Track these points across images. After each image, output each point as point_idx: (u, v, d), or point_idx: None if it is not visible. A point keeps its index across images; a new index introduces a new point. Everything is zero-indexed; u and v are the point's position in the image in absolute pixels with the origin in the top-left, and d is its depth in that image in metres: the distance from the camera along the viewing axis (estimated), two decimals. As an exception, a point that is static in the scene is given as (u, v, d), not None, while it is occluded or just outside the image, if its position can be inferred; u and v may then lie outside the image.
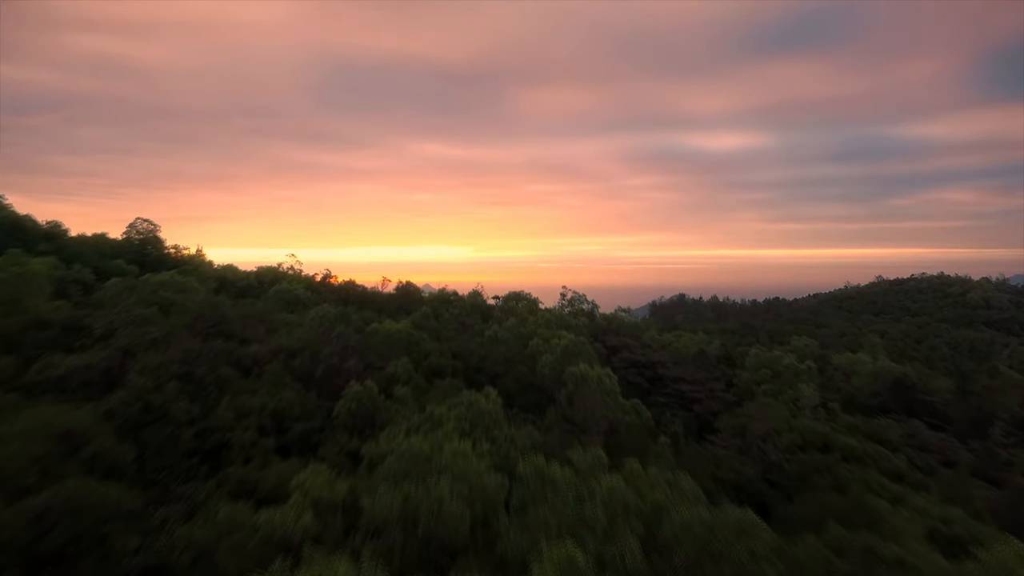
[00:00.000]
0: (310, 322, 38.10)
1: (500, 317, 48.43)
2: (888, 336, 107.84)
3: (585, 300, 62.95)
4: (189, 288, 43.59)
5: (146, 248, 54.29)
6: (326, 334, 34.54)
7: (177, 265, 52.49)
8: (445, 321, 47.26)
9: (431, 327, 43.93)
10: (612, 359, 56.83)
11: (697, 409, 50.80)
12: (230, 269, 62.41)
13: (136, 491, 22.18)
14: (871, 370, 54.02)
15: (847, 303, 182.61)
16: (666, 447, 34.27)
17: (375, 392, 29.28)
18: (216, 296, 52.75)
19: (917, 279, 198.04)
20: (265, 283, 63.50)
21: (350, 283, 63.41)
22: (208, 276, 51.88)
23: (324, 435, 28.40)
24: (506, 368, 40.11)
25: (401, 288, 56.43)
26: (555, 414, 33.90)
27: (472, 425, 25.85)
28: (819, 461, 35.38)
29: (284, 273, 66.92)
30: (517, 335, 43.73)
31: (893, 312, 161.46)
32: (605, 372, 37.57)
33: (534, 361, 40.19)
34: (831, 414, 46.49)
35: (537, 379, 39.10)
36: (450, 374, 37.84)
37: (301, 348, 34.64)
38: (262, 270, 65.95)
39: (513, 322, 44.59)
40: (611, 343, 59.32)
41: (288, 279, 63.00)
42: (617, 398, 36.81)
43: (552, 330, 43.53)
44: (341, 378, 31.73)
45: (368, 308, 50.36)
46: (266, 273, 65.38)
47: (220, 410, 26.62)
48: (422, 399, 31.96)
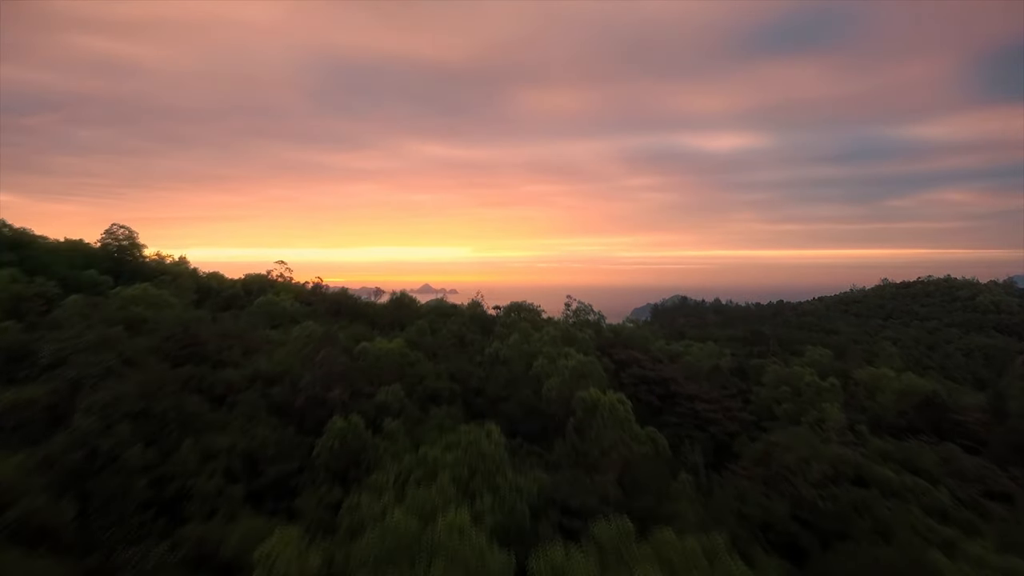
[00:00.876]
0: (293, 342, 34.62)
1: (502, 332, 44.95)
2: (901, 343, 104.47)
3: (591, 310, 59.51)
4: (163, 302, 40.16)
5: (123, 257, 50.74)
6: (309, 357, 31.05)
7: (156, 275, 48.97)
8: (442, 337, 43.80)
9: (427, 344, 40.45)
10: (620, 375, 53.42)
11: (713, 430, 47.36)
12: (215, 277, 58.92)
13: (72, 560, 18.77)
14: (897, 387, 50.56)
15: (853, 307, 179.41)
16: (687, 483, 30.86)
17: (361, 428, 25.81)
18: (197, 309, 49.34)
19: (924, 282, 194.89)
20: (252, 292, 60.00)
21: (343, 292, 59.94)
22: (187, 287, 48.37)
23: (303, 478, 24.95)
24: (508, 391, 36.64)
25: (395, 300, 52.70)
26: (564, 447, 30.46)
27: (471, 471, 22.41)
28: (856, 497, 31.94)
29: (273, 281, 63.43)
30: (520, 353, 40.27)
31: (901, 316, 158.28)
32: (618, 397, 34.16)
33: (539, 383, 36.73)
34: (859, 437, 43.11)
35: (543, 404, 35.65)
36: (447, 400, 34.37)
37: (281, 373, 31.15)
38: (249, 278, 62.42)
39: (516, 339, 41.11)
40: (619, 357, 55.88)
41: (277, 288, 59.52)
42: (632, 426, 33.39)
43: (558, 348, 40.05)
44: (324, 410, 28.25)
45: (360, 321, 46.90)
46: (253, 281, 61.87)
47: (182, 453, 23.13)
48: (415, 432, 28.51)
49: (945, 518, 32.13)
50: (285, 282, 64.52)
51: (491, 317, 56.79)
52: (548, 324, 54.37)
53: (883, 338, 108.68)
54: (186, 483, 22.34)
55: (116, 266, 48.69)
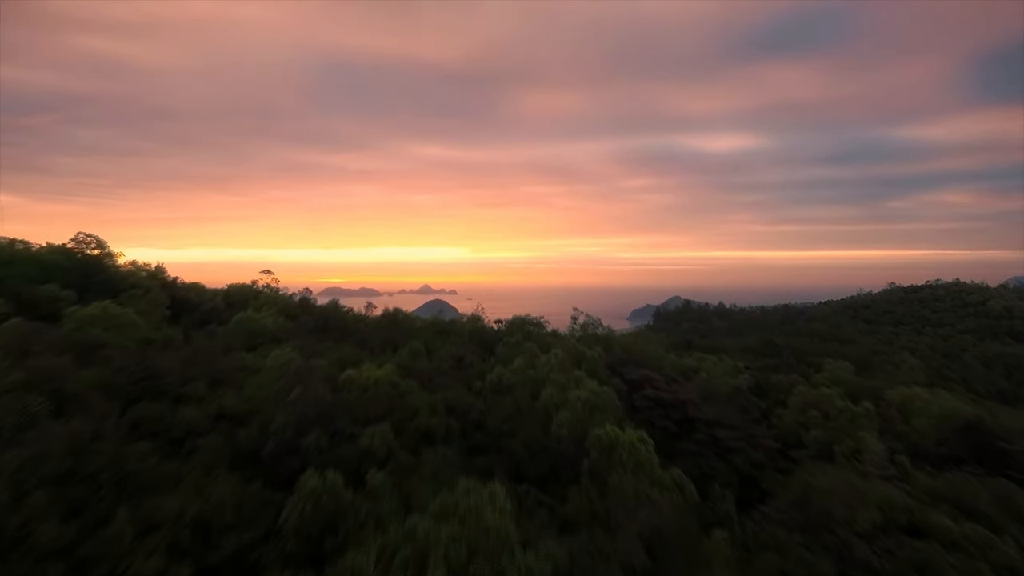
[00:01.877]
0: (267, 371, 30.30)
1: (504, 354, 40.65)
2: (919, 353, 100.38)
3: (599, 324, 55.26)
4: (126, 323, 35.82)
5: (90, 267, 46.38)
6: (284, 391, 26.74)
7: (127, 288, 44.62)
8: (439, 359, 39.54)
9: (421, 369, 36.19)
10: (633, 396, 49.15)
11: (737, 461, 43.05)
12: (194, 289, 54.62)
13: None
14: (936, 411, 46.29)
15: (862, 311, 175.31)
16: (722, 542, 26.68)
17: (339, 487, 21.50)
18: (172, 326, 45.06)
19: (932, 286, 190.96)
20: (235, 304, 55.66)
21: (332, 305, 55.61)
22: (159, 302, 44.05)
23: (268, 550, 20.64)
24: (513, 426, 32.35)
25: (388, 316, 48.22)
26: (580, 500, 26.23)
27: (471, 551, 18.17)
28: (916, 554, 27.80)
29: (258, 292, 59.10)
30: (525, 380, 35.99)
31: (912, 322, 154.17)
32: (638, 435, 29.89)
33: (548, 416, 32.46)
34: (901, 471, 38.98)
35: (552, 441, 31.40)
36: (443, 438, 30.06)
37: (251, 412, 26.84)
38: (232, 289, 58.12)
39: (520, 363, 36.84)
40: (631, 377, 51.66)
41: (261, 300, 55.19)
42: (655, 469, 29.10)
43: (567, 373, 35.78)
44: (297, 459, 23.96)
45: (349, 341, 42.67)
46: (237, 292, 57.55)
47: (115, 525, 18.82)
48: (405, 484, 24.23)
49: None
50: (271, 292, 60.21)
51: (493, 331, 52.52)
52: (555, 339, 50.12)
53: (900, 348, 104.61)
54: (117, 565, 18.06)
55: (82, 279, 44.39)
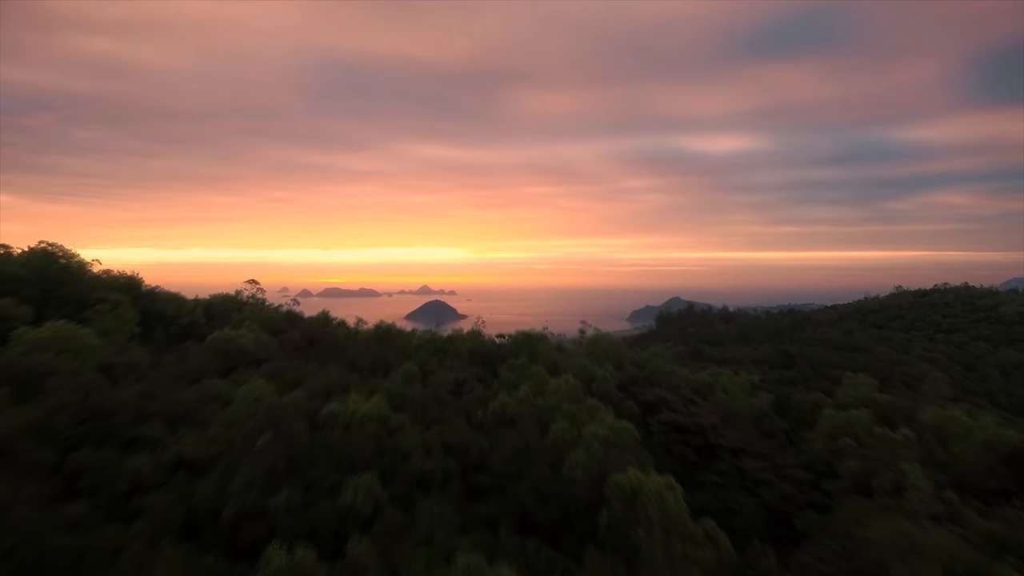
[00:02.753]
0: (238, 407, 26.25)
1: (509, 378, 36.63)
2: (937, 363, 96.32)
3: (609, 338, 51.28)
4: (83, 346, 31.77)
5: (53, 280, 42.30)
6: (252, 437, 22.71)
7: (92, 303, 40.53)
8: (436, 382, 35.54)
9: (415, 398, 32.17)
10: (648, 419, 45.14)
11: (765, 495, 39.04)
12: (173, 301, 50.54)
13: None
14: (981, 437, 42.32)
15: (870, 316, 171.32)
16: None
17: (309, 566, 17.49)
18: (143, 343, 41.02)
19: (941, 290, 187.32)
20: (216, 317, 51.60)
21: (320, 319, 51.52)
22: (128, 318, 39.99)
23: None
24: (520, 467, 28.31)
25: (381, 332, 43.73)
26: (598, 566, 22.27)
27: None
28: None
29: (242, 303, 55.04)
30: (532, 410, 31.97)
31: (924, 328, 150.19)
32: (665, 482, 25.86)
33: (559, 456, 28.42)
34: (951, 510, 35.07)
35: (564, 485, 27.41)
36: (440, 484, 26.03)
37: (214, 458, 22.83)
38: (215, 300, 54.02)
39: (527, 390, 32.83)
40: (645, 398, 47.68)
41: (245, 312, 51.10)
42: (685, 523, 25.12)
43: (580, 403, 31.77)
44: (263, 524, 19.94)
45: (337, 361, 38.65)
46: (219, 304, 53.47)
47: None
48: (393, 552, 20.22)
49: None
50: (256, 303, 56.13)
51: (495, 348, 48.50)
52: (562, 357, 46.10)
53: (916, 356, 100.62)
54: None
55: (43, 293, 40.40)
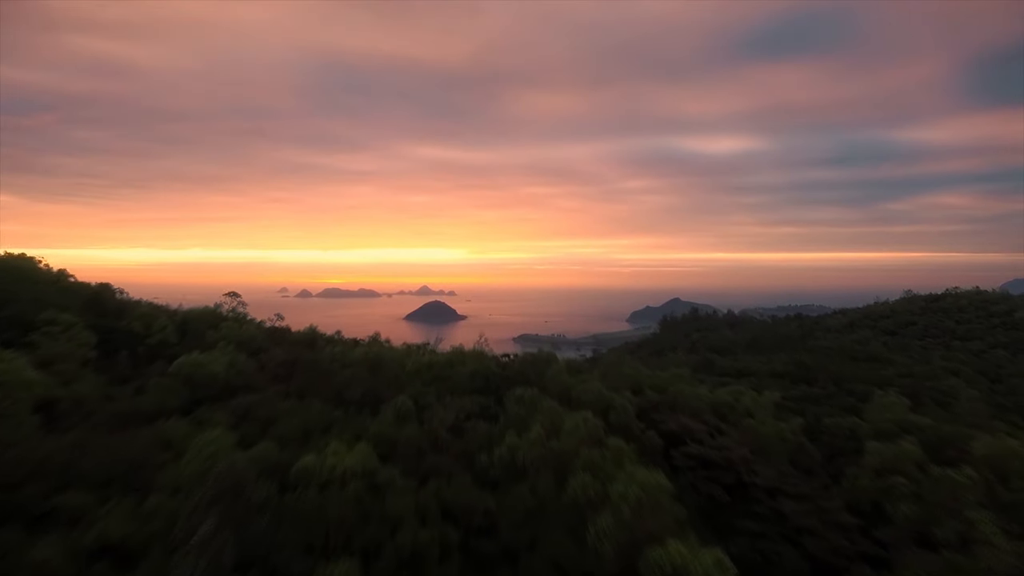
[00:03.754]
0: (186, 467, 21.32)
1: (517, 414, 31.69)
2: (963, 374, 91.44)
3: (625, 360, 46.38)
4: (15, 381, 26.81)
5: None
6: (197, 516, 17.79)
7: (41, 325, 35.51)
8: (433, 418, 30.65)
9: (409, 442, 27.30)
10: (671, 453, 40.28)
11: (810, 545, 34.15)
12: (142, 318, 45.60)
13: None
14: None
15: (882, 322, 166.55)
16: None
17: None
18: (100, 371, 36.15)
19: (954, 295, 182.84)
20: (190, 335, 46.70)
21: (307, 337, 46.61)
22: (82, 342, 35.02)
23: None
24: (533, 531, 23.43)
25: (372, 357, 37.94)
26: None
27: None
28: None
29: (221, 318, 50.12)
30: (547, 456, 27.06)
31: (939, 335, 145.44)
32: (713, 558, 21.04)
33: (581, 518, 23.57)
34: (1031, 568, 30.31)
35: (588, 558, 22.59)
36: (438, 559, 21.14)
37: (144, 545, 17.91)
38: (191, 315, 49.09)
39: (538, 432, 27.95)
40: (667, 427, 42.79)
41: (222, 330, 46.17)
42: (741, 614, 20.29)
43: (601, 448, 26.87)
44: (200, 647, 15.04)
45: (320, 392, 33.67)
46: (195, 320, 48.52)
47: None
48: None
49: None
50: (237, 318, 51.20)
51: (500, 370, 43.59)
52: (576, 382, 41.22)
53: (938, 367, 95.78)
54: None
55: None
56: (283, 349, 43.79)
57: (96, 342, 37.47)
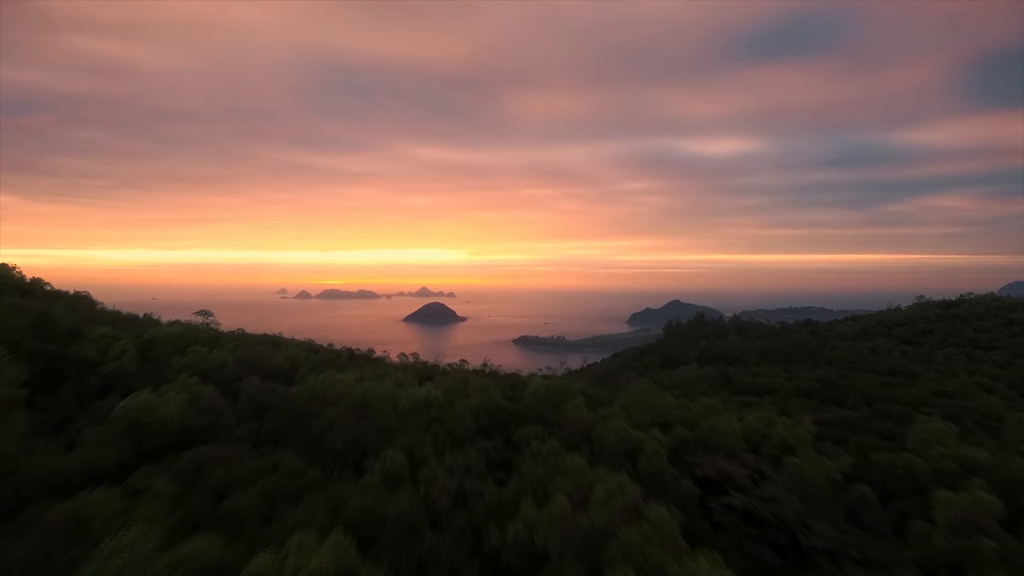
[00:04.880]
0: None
1: (534, 474, 25.84)
2: (996, 390, 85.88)
3: (654, 391, 40.63)
4: None
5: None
6: None
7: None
8: (430, 480, 24.86)
9: (399, 519, 21.55)
10: (709, 505, 34.45)
11: (886, 629, 28.47)
12: (98, 341, 39.79)
13: None
14: None
15: (897, 330, 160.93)
16: None
17: None
18: (40, 408, 30.33)
19: (970, 301, 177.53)
20: (152, 359, 40.90)
21: (290, 362, 40.71)
22: (9, 378, 29.20)
23: None
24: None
25: (357, 401, 30.32)
26: None
27: None
28: None
29: (192, 340, 44.21)
30: (573, 537, 21.31)
31: (959, 344, 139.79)
32: None
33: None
34: None
35: None
36: None
37: None
38: (157, 336, 43.23)
39: (562, 505, 22.19)
40: (703, 471, 37.03)
41: (189, 356, 40.33)
42: None
43: (643, 525, 21.07)
44: None
45: (294, 441, 27.82)
46: (162, 342, 42.69)
47: None
48: None
49: None
50: (211, 339, 45.32)
51: (509, 405, 37.83)
52: (597, 419, 35.45)
53: (969, 381, 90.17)
54: None
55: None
56: (258, 379, 37.98)
57: (33, 374, 31.60)
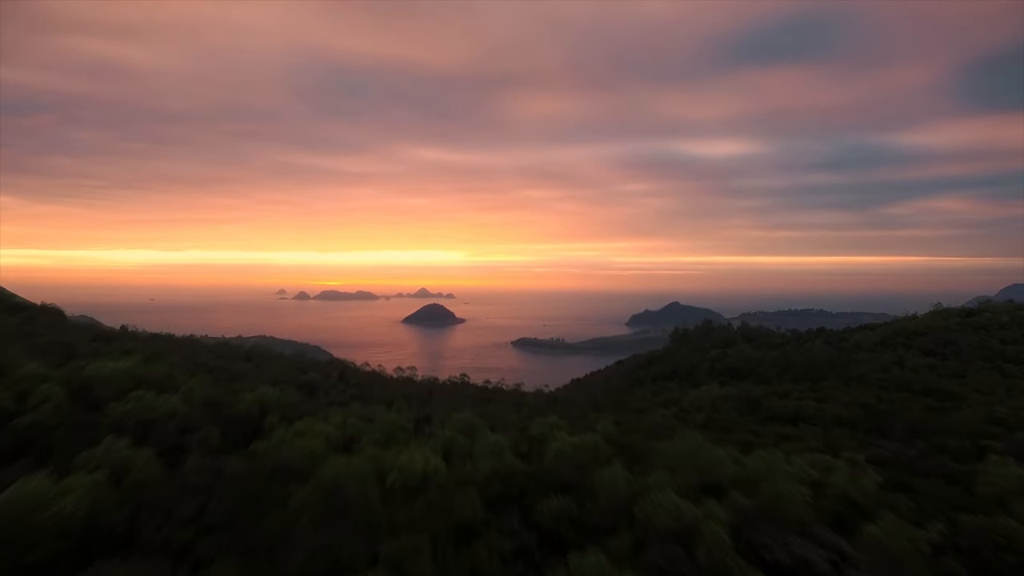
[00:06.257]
0: None
1: None
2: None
3: (701, 445, 33.11)
4: None
5: None
6: None
7: None
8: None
9: None
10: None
11: None
12: (22, 383, 32.15)
13: None
14: None
15: (917, 340, 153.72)
16: None
17: None
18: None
19: (991, 309, 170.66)
20: (84, 405, 33.15)
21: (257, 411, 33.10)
22: None
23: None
24: None
25: (326, 486, 21.06)
26: None
27: None
28: None
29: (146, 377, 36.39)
30: None
31: (986, 357, 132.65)
32: None
33: None
34: None
35: None
36: None
37: None
38: (98, 376, 35.54)
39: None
40: (774, 557, 29.44)
41: (128, 402, 32.63)
42: None
43: None
44: None
45: (241, 546, 20.24)
46: (104, 382, 34.98)
47: None
48: None
49: None
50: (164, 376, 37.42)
51: (527, 470, 30.29)
52: (637, 483, 27.88)
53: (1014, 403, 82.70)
54: None
55: None
56: (217, 433, 30.31)
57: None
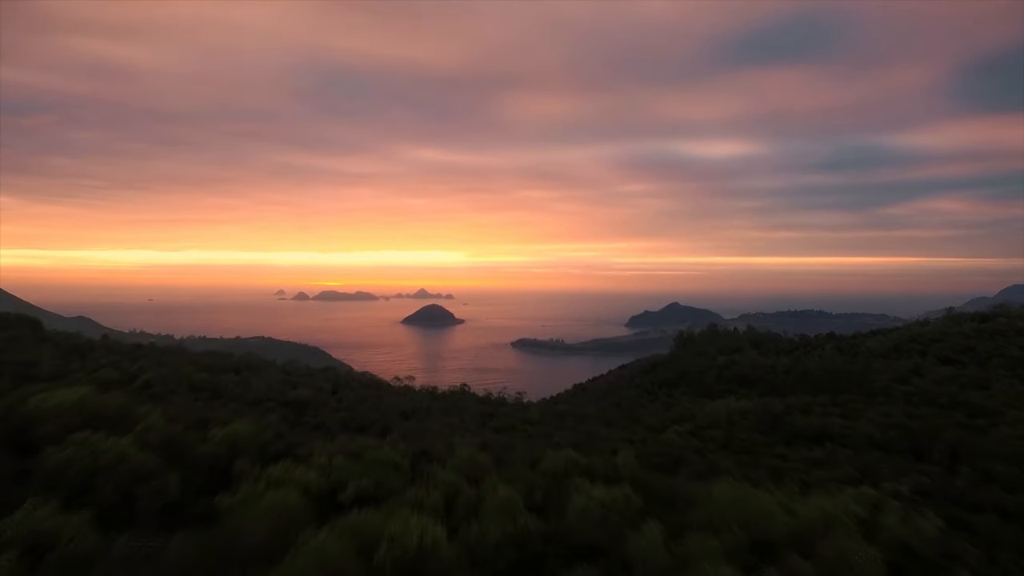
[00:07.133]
0: None
1: None
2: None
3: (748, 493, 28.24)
4: None
5: None
6: None
7: None
8: None
9: None
10: None
11: None
12: None
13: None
14: None
15: (932, 347, 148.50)
16: None
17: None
18: None
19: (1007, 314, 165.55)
20: (14, 452, 28.12)
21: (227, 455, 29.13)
22: None
23: None
24: None
25: (315, 553, 16.96)
26: None
27: None
28: None
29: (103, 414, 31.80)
30: None
31: (1007, 364, 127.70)
32: None
33: None
34: None
35: None
36: None
37: None
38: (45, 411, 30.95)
39: None
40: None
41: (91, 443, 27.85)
42: None
43: None
44: None
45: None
46: (51, 418, 30.32)
47: None
48: None
49: None
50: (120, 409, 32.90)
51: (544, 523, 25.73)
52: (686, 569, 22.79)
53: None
54: None
55: None
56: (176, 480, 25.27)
57: None
